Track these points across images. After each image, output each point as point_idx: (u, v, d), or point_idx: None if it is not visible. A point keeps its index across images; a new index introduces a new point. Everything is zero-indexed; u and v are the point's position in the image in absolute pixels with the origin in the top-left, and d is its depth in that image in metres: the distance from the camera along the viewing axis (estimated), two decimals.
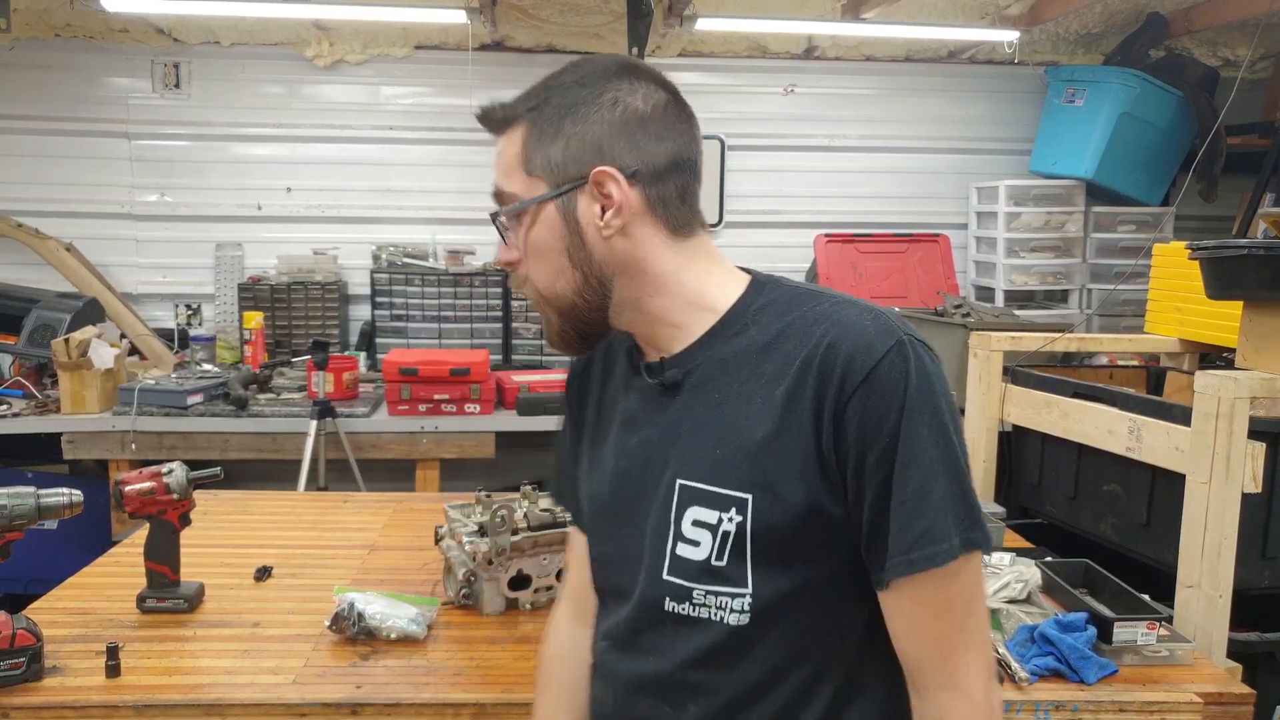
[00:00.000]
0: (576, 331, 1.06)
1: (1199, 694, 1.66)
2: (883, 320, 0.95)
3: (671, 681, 1.03)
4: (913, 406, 0.92)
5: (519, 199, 1.02)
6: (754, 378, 0.99)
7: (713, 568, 0.98)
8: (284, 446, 3.38)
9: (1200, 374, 2.19)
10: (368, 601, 1.65)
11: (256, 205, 4.33)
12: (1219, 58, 4.70)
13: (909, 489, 0.92)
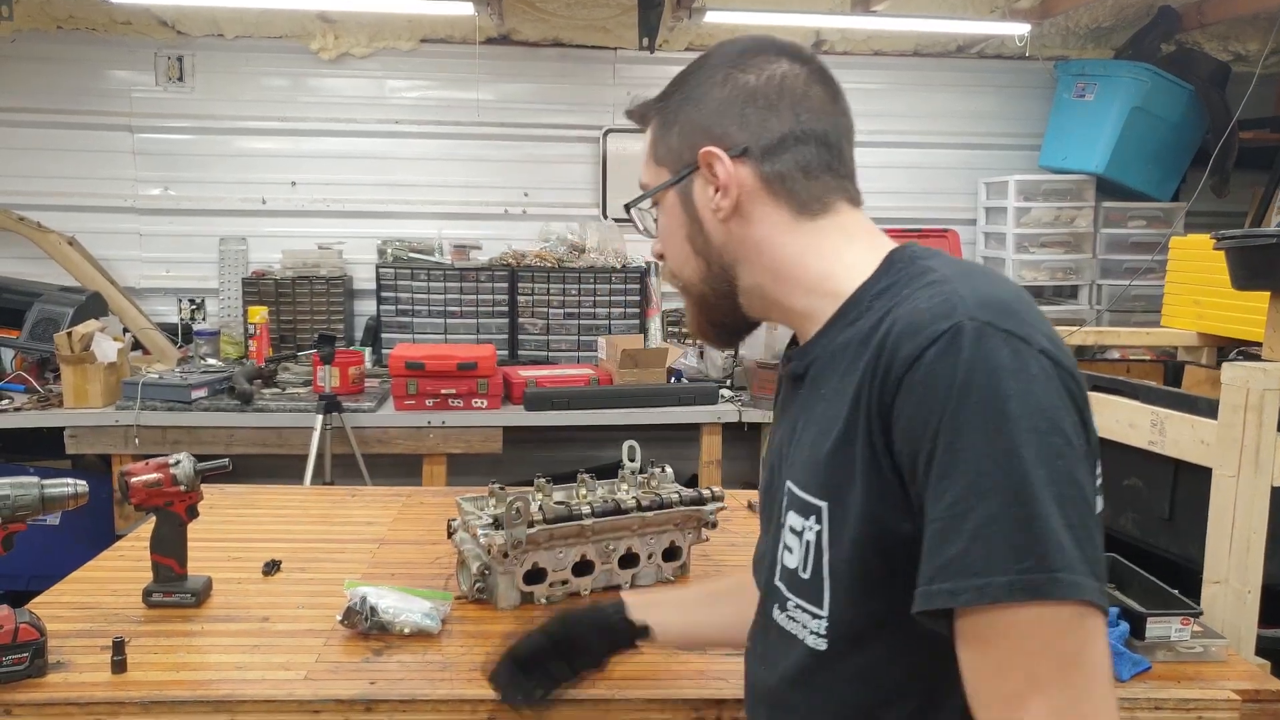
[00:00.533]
0: (710, 321, 1.04)
1: (1236, 691, 1.61)
2: (949, 302, 0.78)
3: (775, 696, 0.98)
4: (961, 404, 0.73)
5: (649, 189, 1.03)
6: (850, 372, 0.86)
7: (800, 579, 0.90)
8: (289, 441, 3.34)
9: (1228, 365, 2.15)
10: (380, 595, 1.61)
11: (261, 199, 4.29)
12: (1230, 52, 4.66)
13: (942, 505, 0.74)
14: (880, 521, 0.81)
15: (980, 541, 0.71)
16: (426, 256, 4.21)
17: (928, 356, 0.76)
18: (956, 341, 0.75)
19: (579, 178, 4.43)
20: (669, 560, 1.91)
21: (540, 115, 4.36)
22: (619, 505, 1.83)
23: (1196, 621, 1.76)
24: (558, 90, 4.35)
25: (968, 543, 0.72)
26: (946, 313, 0.77)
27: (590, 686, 1.45)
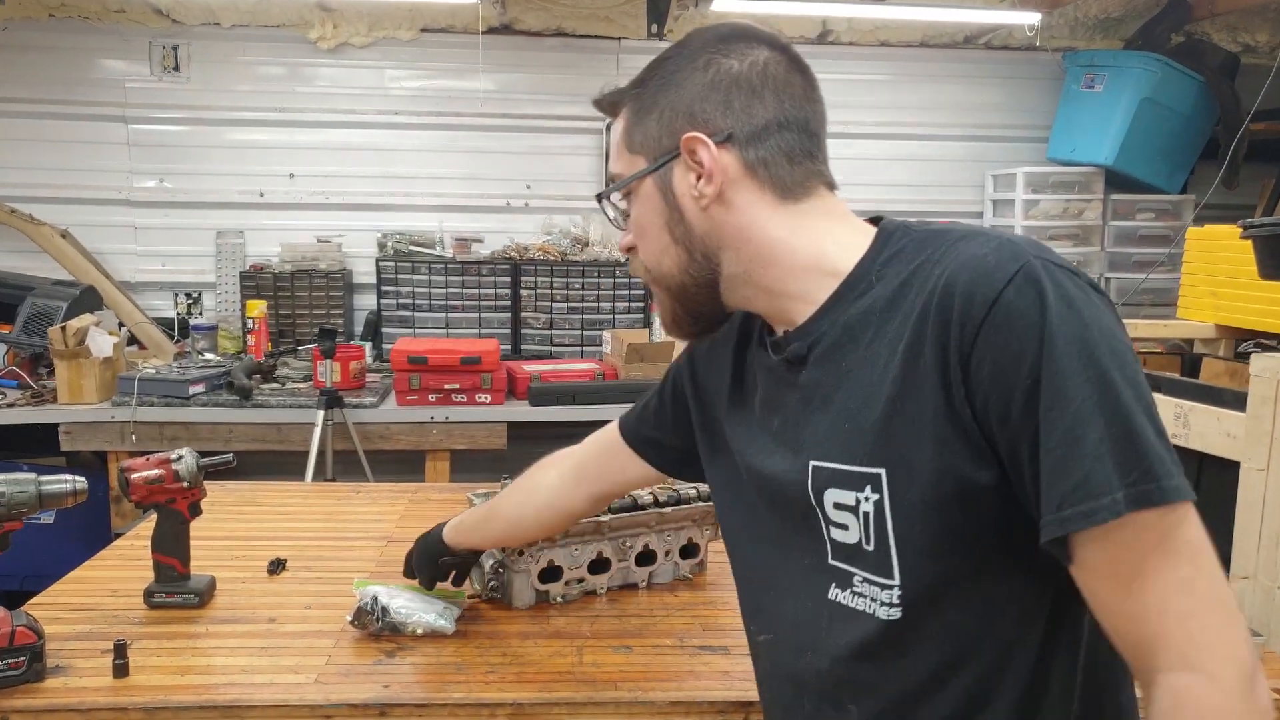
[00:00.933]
0: (688, 313, 1.01)
1: (1276, 690, 1.57)
2: (1007, 246, 0.81)
3: (830, 679, 0.94)
4: (1053, 336, 0.76)
5: (621, 177, 1.01)
6: (879, 338, 0.87)
7: (865, 552, 0.88)
8: (289, 437, 3.27)
9: (1256, 357, 2.10)
10: (391, 595, 1.55)
11: (258, 192, 4.22)
12: (1239, 43, 4.61)
13: (1056, 435, 0.76)
14: (956, 473, 0.81)
15: (1099, 463, 0.75)
16: (427, 250, 4.15)
17: (1007, 295, 0.78)
18: (1031, 277, 0.78)
19: (582, 170, 4.37)
20: (686, 557, 1.85)
21: (543, 106, 4.29)
22: (636, 501, 1.77)
23: None
24: (560, 81, 4.28)
25: (1089, 466, 0.75)
26: (1014, 254, 0.80)
27: (613, 688, 1.40)
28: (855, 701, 0.92)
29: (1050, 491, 0.77)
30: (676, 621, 1.66)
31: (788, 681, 1.00)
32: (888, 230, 0.94)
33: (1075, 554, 0.78)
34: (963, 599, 0.85)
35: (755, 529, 1.04)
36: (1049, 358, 0.76)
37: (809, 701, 0.97)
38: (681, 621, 1.66)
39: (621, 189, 1.01)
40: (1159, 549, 0.76)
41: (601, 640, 1.56)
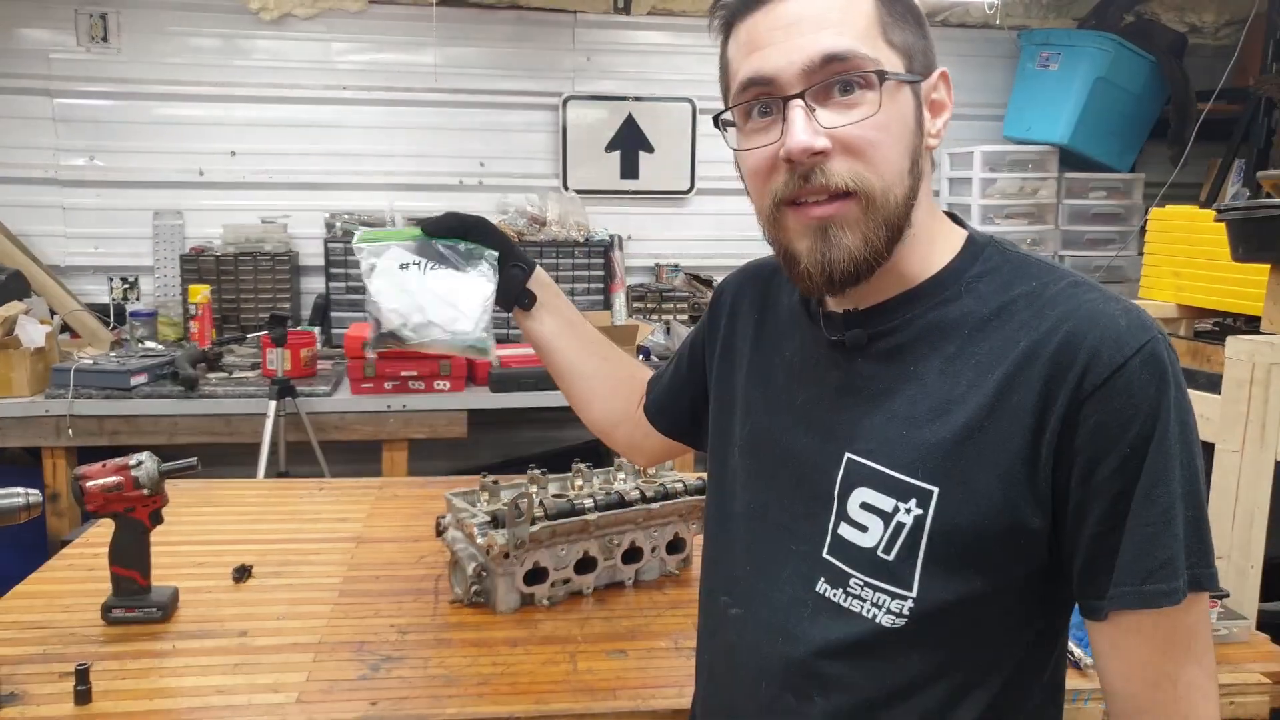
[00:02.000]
0: (886, 249, 0.85)
1: (1265, 674, 1.57)
2: (1135, 313, 0.81)
3: (801, 670, 0.91)
4: (1168, 415, 0.79)
5: (877, 64, 0.83)
6: (963, 356, 0.85)
7: (879, 560, 0.86)
8: (239, 429, 3.14)
9: (1232, 340, 2.10)
10: (404, 285, 1.17)
11: (198, 170, 4.03)
12: (1186, 23, 4.66)
13: (1155, 511, 0.79)
14: (1012, 512, 0.82)
15: (1180, 546, 0.79)
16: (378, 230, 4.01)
17: (1133, 365, 0.79)
18: (1158, 355, 0.80)
19: (538, 147, 4.25)
20: (673, 553, 1.79)
21: (497, 81, 4.16)
22: (622, 497, 1.71)
23: (1220, 603, 1.72)
24: (515, 55, 4.16)
25: (1175, 548, 0.79)
26: (1143, 324, 0.81)
27: (613, 697, 1.34)
28: (823, 695, 0.90)
29: (1135, 564, 0.79)
30: (669, 621, 1.61)
31: (750, 661, 0.96)
32: (979, 242, 0.92)
33: (1122, 619, 0.81)
34: (967, 620, 0.86)
35: (751, 500, 0.99)
36: (1160, 437, 0.78)
37: (769, 686, 0.94)
38: (674, 621, 1.61)
39: (899, 79, 0.84)
40: (1196, 627, 0.82)
41: (594, 645, 1.50)
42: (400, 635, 1.50)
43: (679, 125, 4.33)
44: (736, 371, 1.07)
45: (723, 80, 0.95)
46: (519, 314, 1.27)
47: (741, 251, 4.43)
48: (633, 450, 1.36)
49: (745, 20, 0.88)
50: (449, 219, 1.22)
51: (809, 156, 0.82)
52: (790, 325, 1.01)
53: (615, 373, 1.33)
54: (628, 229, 4.34)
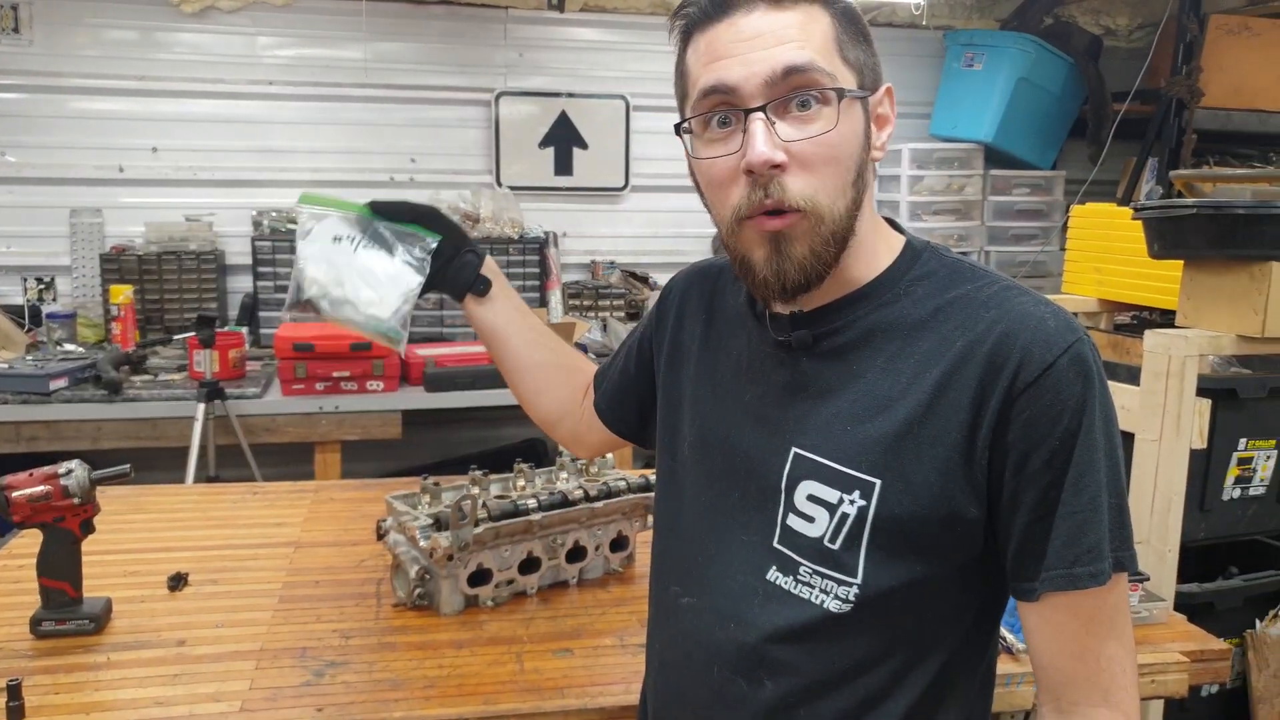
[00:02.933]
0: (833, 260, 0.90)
1: (1183, 653, 1.64)
2: (1062, 316, 0.88)
3: (753, 654, 0.95)
4: (1093, 411, 0.85)
5: (834, 80, 0.87)
6: (903, 355, 0.90)
7: (825, 549, 0.91)
8: (165, 433, 3.06)
9: (1150, 333, 2.18)
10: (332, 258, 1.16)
11: (117, 167, 3.90)
12: (1101, 26, 4.81)
13: (1082, 500, 0.85)
14: (950, 503, 0.87)
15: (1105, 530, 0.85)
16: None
17: (1061, 363, 0.84)
18: (1083, 355, 0.85)
19: (470, 143, 4.22)
20: (616, 551, 1.81)
21: (428, 77, 4.11)
22: (566, 497, 1.71)
23: (1141, 586, 1.78)
24: (446, 51, 4.11)
25: (1102, 532, 0.85)
26: (1070, 326, 0.87)
27: (560, 696, 1.35)
28: (772, 679, 0.93)
29: (1065, 549, 0.85)
30: (614, 619, 1.62)
31: (702, 648, 0.99)
32: (916, 247, 0.97)
33: (1052, 599, 0.87)
34: (909, 605, 0.90)
35: (701, 493, 1.03)
36: (1087, 430, 0.84)
37: (720, 671, 0.97)
38: (619, 619, 1.62)
39: (852, 95, 0.88)
40: (1118, 605, 0.88)
41: (540, 645, 1.51)
42: (344, 640, 1.48)
43: (612, 122, 4.33)
44: (684, 369, 1.09)
45: (680, 86, 0.97)
46: (471, 302, 1.26)
47: (676, 248, 4.47)
48: (576, 443, 1.38)
49: (706, 30, 0.90)
50: (401, 205, 1.21)
51: (768, 169, 0.85)
52: (738, 325, 1.04)
53: (563, 365, 1.34)
54: (563, 226, 4.33)
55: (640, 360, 1.22)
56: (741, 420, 0.99)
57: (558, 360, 1.33)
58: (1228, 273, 2.15)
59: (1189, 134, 4.08)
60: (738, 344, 1.03)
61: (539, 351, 1.31)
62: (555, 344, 1.34)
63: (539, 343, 1.31)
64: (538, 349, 1.31)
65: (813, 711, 0.93)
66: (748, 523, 0.97)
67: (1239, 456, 2.34)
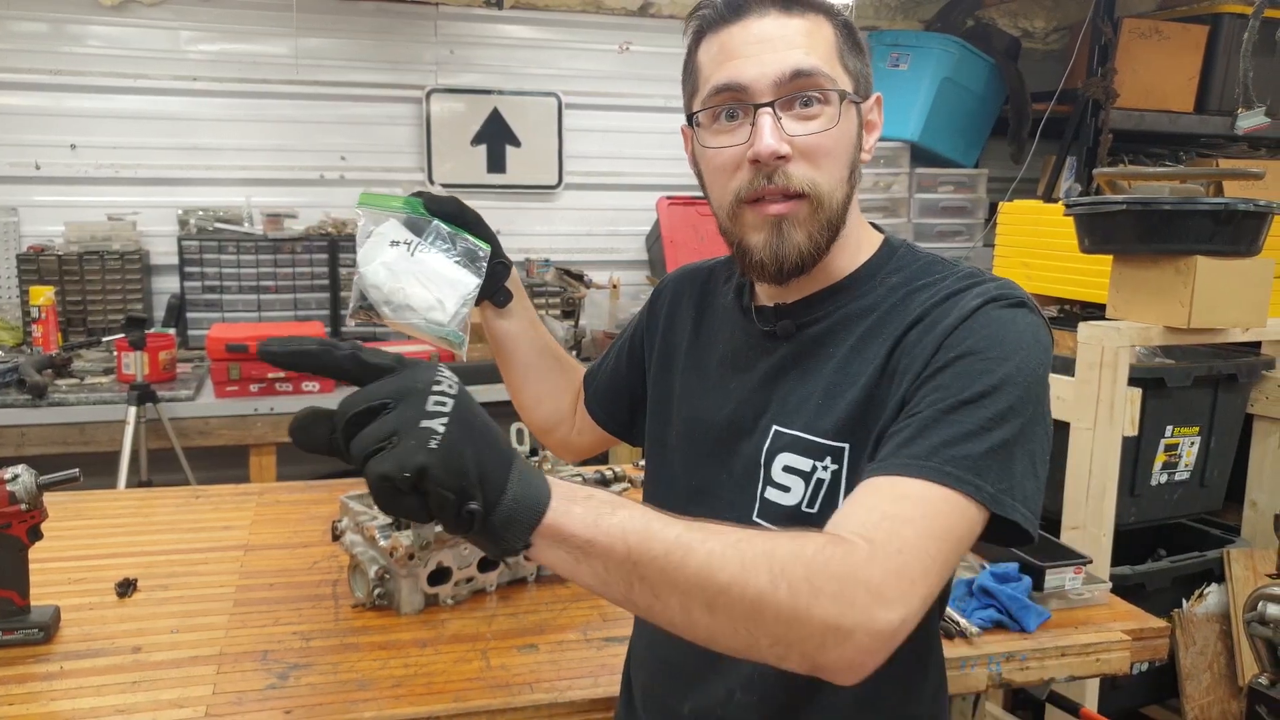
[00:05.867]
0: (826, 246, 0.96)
1: (1125, 631, 1.71)
2: (1012, 286, 0.94)
3: None
4: (1003, 344, 0.86)
5: (835, 83, 0.94)
6: (870, 336, 0.96)
7: (804, 514, 0.95)
8: (94, 438, 2.96)
9: (1084, 326, 2.27)
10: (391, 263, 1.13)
11: (34, 164, 3.75)
12: (1019, 29, 4.97)
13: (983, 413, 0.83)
14: None
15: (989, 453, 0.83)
16: (235, 227, 3.84)
17: (990, 307, 0.90)
18: (1015, 308, 0.91)
19: (401, 140, 4.16)
20: None
21: (357, 73, 4.04)
22: None
23: (1084, 569, 1.85)
24: (376, 47, 4.05)
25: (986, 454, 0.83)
26: (1015, 293, 0.93)
27: (529, 691, 1.35)
28: None
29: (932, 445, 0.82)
30: (575, 615, 1.62)
31: None
32: (894, 245, 1.04)
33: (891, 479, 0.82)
34: None
35: (689, 478, 1.08)
36: (1002, 360, 0.86)
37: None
38: (580, 614, 1.62)
39: (850, 99, 0.95)
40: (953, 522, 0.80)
41: (504, 641, 1.51)
42: (305, 642, 1.46)
43: (545, 120, 4.32)
44: (675, 364, 1.14)
45: (690, 82, 1.02)
46: (489, 310, 1.25)
47: (611, 246, 4.48)
48: (564, 448, 1.39)
49: (719, 32, 0.96)
50: (452, 203, 1.18)
51: (774, 159, 0.92)
52: (725, 320, 1.09)
53: (565, 375, 1.35)
54: (496, 223, 4.16)
55: (631, 359, 1.26)
56: (727, 406, 1.04)
57: (561, 371, 1.34)
58: (1155, 266, 2.25)
59: (1105, 133, 4.22)
60: (725, 336, 1.09)
61: (545, 361, 1.31)
62: (559, 354, 1.35)
63: (545, 353, 1.31)
64: (544, 359, 1.31)
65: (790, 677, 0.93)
66: (732, 501, 1.02)
67: (1166, 443, 2.45)
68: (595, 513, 0.70)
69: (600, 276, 4.31)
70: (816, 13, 0.96)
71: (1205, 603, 2.51)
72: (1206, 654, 2.48)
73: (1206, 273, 2.16)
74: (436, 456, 0.62)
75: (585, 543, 0.69)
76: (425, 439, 0.62)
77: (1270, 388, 2.55)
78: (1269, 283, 2.27)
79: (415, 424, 0.62)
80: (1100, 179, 3.08)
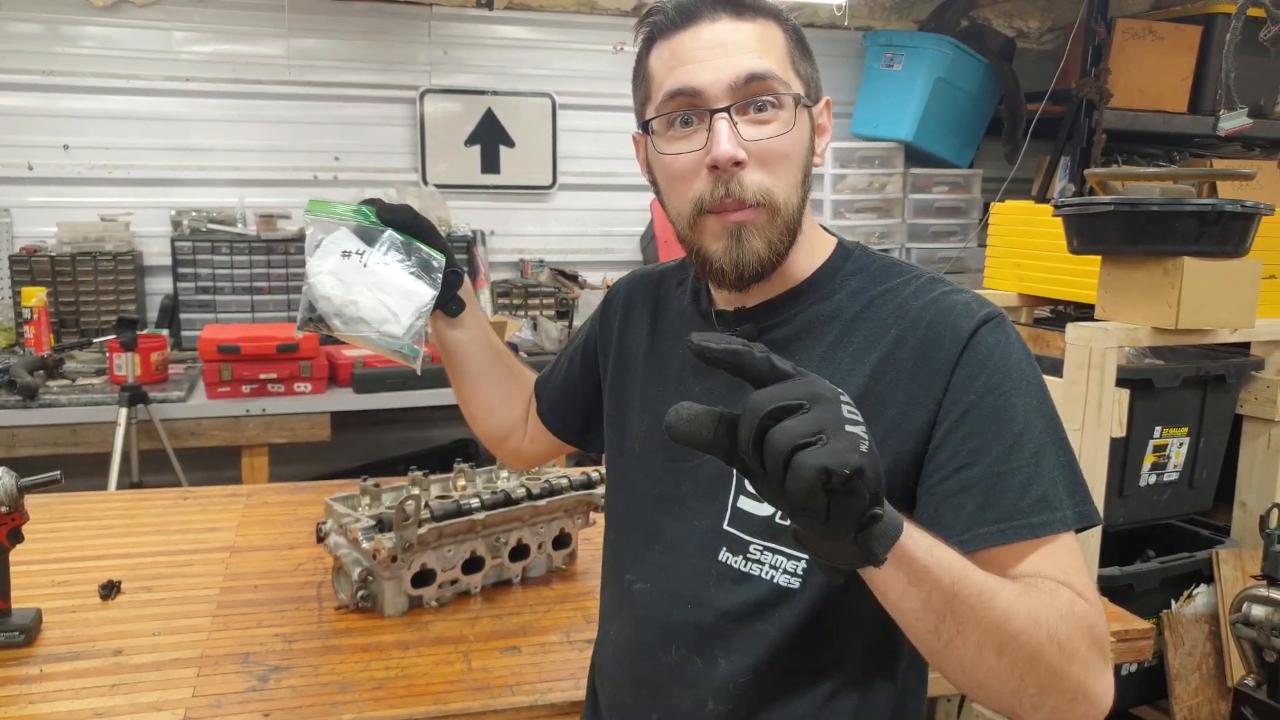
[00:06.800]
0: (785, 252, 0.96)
1: (1110, 633, 1.70)
2: (981, 299, 0.95)
3: (709, 632, 0.99)
4: (1021, 373, 0.90)
5: (789, 88, 0.93)
6: (841, 344, 0.96)
7: (776, 525, 0.95)
8: (85, 439, 2.96)
9: (1072, 326, 2.27)
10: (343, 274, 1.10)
11: (26, 165, 3.75)
12: (1014, 29, 4.97)
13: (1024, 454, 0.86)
14: (891, 478, 0.89)
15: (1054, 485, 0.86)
16: (228, 227, 3.84)
17: (982, 331, 0.91)
18: (1001, 326, 0.92)
19: (395, 141, 4.16)
20: (559, 548, 1.81)
21: (351, 74, 4.04)
22: (509, 496, 1.71)
23: None
24: (370, 48, 4.05)
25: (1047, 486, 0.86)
26: (986, 303, 0.94)
27: (510, 693, 1.35)
28: (725, 656, 0.97)
29: (1008, 503, 0.86)
30: (559, 616, 1.62)
31: (659, 629, 1.03)
32: (847, 247, 1.03)
33: (1001, 556, 0.85)
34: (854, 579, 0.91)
35: (654, 485, 1.06)
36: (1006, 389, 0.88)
37: (677, 650, 1.01)
38: (564, 616, 1.63)
39: (803, 103, 0.95)
40: (1076, 553, 0.88)
41: (487, 643, 1.51)
42: (287, 644, 1.46)
43: (539, 120, 4.32)
44: (632, 371, 1.13)
45: (641, 89, 1.01)
46: (441, 320, 1.21)
47: (605, 246, 4.48)
48: (516, 457, 1.39)
49: (671, 38, 0.95)
50: (406, 211, 1.15)
51: (731, 165, 0.91)
52: (683, 325, 1.08)
53: (517, 382, 1.34)
54: (490, 224, 4.31)
55: (585, 367, 1.24)
56: None
57: (513, 379, 1.32)
58: (1142, 267, 2.24)
59: (1099, 134, 4.22)
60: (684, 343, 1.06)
61: (496, 369, 1.29)
62: (510, 362, 1.33)
63: (496, 362, 1.30)
64: (495, 367, 1.29)
65: (761, 685, 0.96)
66: (697, 509, 1.01)
67: (1154, 444, 2.44)
68: (930, 542, 0.75)
69: (594, 277, 4.31)
70: (767, 17, 0.96)
71: (1194, 603, 2.50)
72: (1195, 655, 2.48)
73: (1194, 273, 2.16)
74: (869, 460, 0.65)
75: (923, 568, 0.73)
76: (856, 442, 0.64)
77: (1260, 388, 2.55)
78: (1257, 283, 2.27)
79: (841, 426, 0.65)
80: (1092, 179, 3.08)
